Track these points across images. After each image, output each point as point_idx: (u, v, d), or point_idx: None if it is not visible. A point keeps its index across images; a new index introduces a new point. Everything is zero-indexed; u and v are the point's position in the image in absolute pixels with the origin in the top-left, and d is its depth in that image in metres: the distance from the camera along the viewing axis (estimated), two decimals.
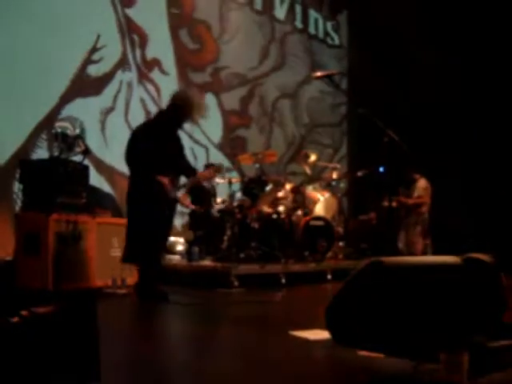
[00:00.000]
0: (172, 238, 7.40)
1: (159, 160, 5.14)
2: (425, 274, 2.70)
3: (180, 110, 5.34)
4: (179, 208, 7.74)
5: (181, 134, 5.63)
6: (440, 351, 2.27)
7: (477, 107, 10.34)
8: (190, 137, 9.21)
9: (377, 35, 11.66)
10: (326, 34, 12.75)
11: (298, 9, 12.04)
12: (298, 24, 12.03)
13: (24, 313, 1.63)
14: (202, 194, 7.90)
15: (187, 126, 7.87)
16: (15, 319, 1.58)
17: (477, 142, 10.13)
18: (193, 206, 7.65)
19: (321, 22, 12.61)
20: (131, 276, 5.68)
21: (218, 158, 9.65)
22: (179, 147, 5.50)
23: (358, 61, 12.49)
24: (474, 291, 2.56)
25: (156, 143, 5.16)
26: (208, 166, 8.23)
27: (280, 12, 11.60)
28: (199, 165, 8.69)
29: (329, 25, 12.81)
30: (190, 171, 5.57)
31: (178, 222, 8.30)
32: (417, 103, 10.69)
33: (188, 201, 7.73)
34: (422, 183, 8.76)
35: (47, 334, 1.60)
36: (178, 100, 5.41)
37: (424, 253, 8.42)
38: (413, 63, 10.87)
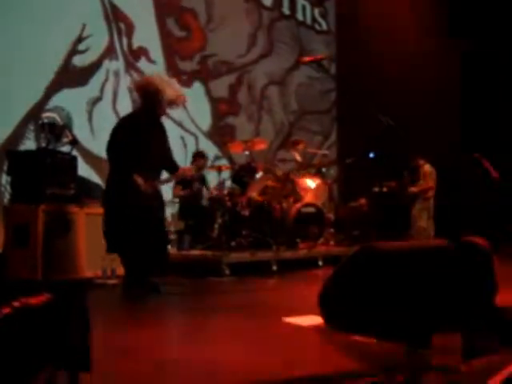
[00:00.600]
0: None
1: (138, 155, 4.97)
2: (417, 258, 2.70)
3: (150, 97, 5.09)
4: (169, 198, 7.72)
5: (170, 122, 5.51)
6: (433, 335, 2.27)
7: (469, 92, 10.36)
8: (180, 125, 9.18)
9: (365, 20, 11.65)
10: (314, 20, 12.69)
11: None
12: (286, 10, 11.97)
13: (15, 303, 1.61)
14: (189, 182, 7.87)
15: (176, 114, 7.87)
16: (6, 310, 1.56)
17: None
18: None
19: (308, 8, 12.55)
20: (121, 266, 5.64)
21: (207, 145, 9.63)
22: (163, 140, 5.30)
23: (346, 46, 12.48)
24: (466, 274, 2.56)
25: (136, 137, 4.99)
26: (195, 154, 8.22)
27: None
28: (189, 153, 8.70)
29: (316, 11, 12.76)
30: (172, 168, 5.44)
31: (168, 211, 8.27)
32: (405, 90, 10.71)
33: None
34: (426, 168, 8.86)
35: (37, 324, 1.59)
36: (141, 89, 5.20)
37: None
38: (401, 47, 10.87)
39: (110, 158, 5.11)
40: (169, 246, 6.18)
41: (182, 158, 7.92)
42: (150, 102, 5.12)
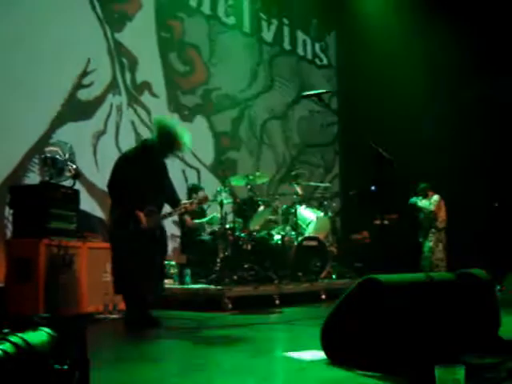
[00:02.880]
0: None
1: (139, 190, 5.02)
2: (420, 291, 2.69)
3: (165, 142, 5.16)
4: (171, 231, 7.72)
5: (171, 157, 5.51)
6: (436, 367, 2.24)
7: (465, 120, 10.41)
8: (181, 159, 9.22)
9: (365, 54, 11.78)
10: (315, 54, 12.86)
11: (286, 31, 12.16)
12: (286, 46, 12.13)
13: (13, 340, 1.60)
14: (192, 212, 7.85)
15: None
16: (6, 347, 1.55)
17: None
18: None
19: (309, 43, 12.72)
20: (123, 301, 5.61)
21: (209, 179, 9.65)
22: (163, 177, 5.36)
23: (347, 80, 12.61)
24: (467, 306, 2.54)
25: (136, 173, 5.04)
26: (191, 188, 8.19)
27: (268, 34, 11.70)
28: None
29: (317, 46, 12.93)
30: (173, 202, 5.47)
31: (170, 245, 8.25)
32: (405, 117, 10.80)
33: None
34: (435, 198, 9.00)
35: (36, 359, 1.58)
36: (163, 133, 5.22)
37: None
38: (402, 80, 10.97)
39: (111, 195, 5.13)
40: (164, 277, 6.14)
41: (183, 191, 7.92)
42: (164, 141, 5.17)
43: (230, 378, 3.09)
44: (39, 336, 1.71)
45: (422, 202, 9.28)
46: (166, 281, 7.46)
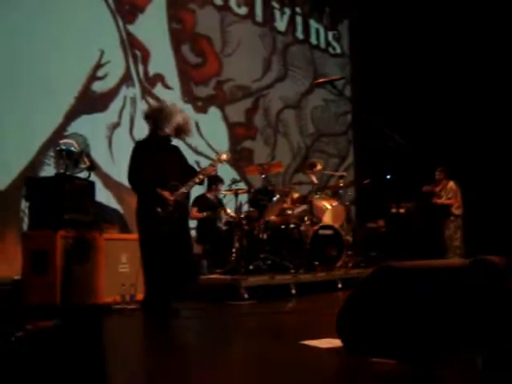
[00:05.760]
0: None
1: (158, 173, 5.07)
2: (434, 278, 2.67)
3: (156, 122, 5.27)
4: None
5: (185, 148, 5.54)
6: (452, 356, 2.23)
7: (478, 107, 10.32)
8: (196, 151, 9.23)
9: (378, 42, 11.71)
10: (328, 43, 12.79)
11: (299, 20, 12.09)
12: (299, 35, 12.07)
13: (28, 327, 1.61)
14: (207, 203, 7.90)
15: (193, 139, 7.94)
16: (20, 333, 1.56)
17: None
18: (199, 215, 7.66)
19: (322, 31, 12.65)
20: (140, 292, 5.64)
21: (224, 170, 9.65)
22: (177, 157, 5.40)
23: (361, 68, 12.53)
24: (483, 293, 2.52)
25: (153, 158, 5.11)
26: (209, 179, 8.23)
27: (281, 24, 11.65)
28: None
29: (330, 34, 12.86)
30: (192, 172, 5.49)
31: None
32: (421, 106, 10.72)
33: (195, 212, 7.73)
34: (451, 185, 8.95)
35: (51, 347, 1.59)
36: (149, 117, 5.37)
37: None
38: (415, 68, 10.89)
39: (133, 185, 5.16)
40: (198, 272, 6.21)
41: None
42: (157, 122, 5.25)
43: (247, 367, 3.09)
44: (53, 325, 1.72)
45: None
46: None
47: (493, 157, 9.99)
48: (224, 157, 5.61)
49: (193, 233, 8.19)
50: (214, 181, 8.12)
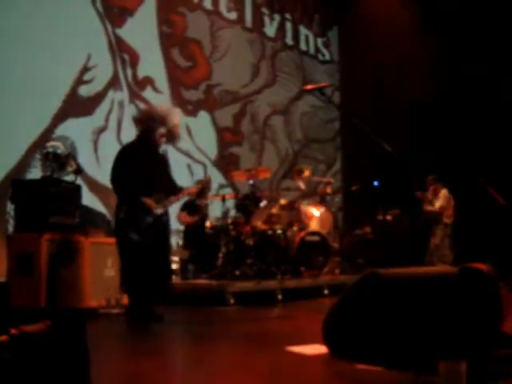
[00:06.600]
0: None
1: (141, 181, 5.07)
2: (421, 285, 2.67)
3: (147, 129, 5.26)
4: (174, 227, 7.71)
5: (176, 152, 5.54)
6: (439, 362, 2.23)
7: (466, 114, 10.36)
8: (187, 154, 9.22)
9: (367, 49, 11.76)
10: (317, 50, 12.82)
11: (289, 26, 12.11)
12: (289, 41, 12.09)
13: (13, 331, 1.59)
14: (195, 207, 7.88)
15: (183, 143, 7.93)
16: (3, 337, 1.54)
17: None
18: (189, 219, 7.63)
19: (311, 38, 12.69)
20: (125, 296, 5.60)
21: (214, 174, 9.64)
22: (163, 167, 5.41)
23: (350, 75, 12.58)
24: (470, 300, 2.53)
25: (138, 163, 5.10)
26: (199, 181, 8.22)
27: (270, 29, 11.66)
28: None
29: (319, 41, 12.90)
30: (174, 189, 5.47)
31: (173, 240, 8.25)
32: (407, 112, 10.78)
33: (185, 217, 7.71)
34: (444, 193, 8.93)
35: (36, 351, 1.57)
36: (140, 121, 5.37)
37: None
38: (404, 75, 10.95)
39: (115, 188, 5.15)
40: (172, 275, 6.18)
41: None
42: (145, 129, 5.25)
43: (232, 372, 3.08)
44: (38, 329, 1.70)
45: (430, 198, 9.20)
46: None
47: (481, 163, 10.03)
48: (204, 181, 5.75)
49: (180, 237, 8.18)
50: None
